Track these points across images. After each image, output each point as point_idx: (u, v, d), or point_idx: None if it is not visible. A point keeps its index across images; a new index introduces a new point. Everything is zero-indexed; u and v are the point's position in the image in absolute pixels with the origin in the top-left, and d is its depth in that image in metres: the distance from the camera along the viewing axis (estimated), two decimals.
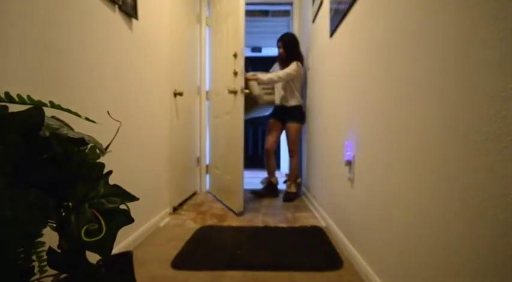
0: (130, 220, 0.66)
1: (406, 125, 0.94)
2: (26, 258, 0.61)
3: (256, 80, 2.77)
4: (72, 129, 0.69)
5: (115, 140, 0.83)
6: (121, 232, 0.67)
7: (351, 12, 1.48)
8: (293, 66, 2.75)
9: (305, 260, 1.46)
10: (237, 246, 1.63)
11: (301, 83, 2.86)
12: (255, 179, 4.33)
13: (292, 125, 2.89)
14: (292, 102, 2.87)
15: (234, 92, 2.35)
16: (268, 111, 3.12)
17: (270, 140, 2.99)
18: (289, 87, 2.85)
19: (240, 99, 2.28)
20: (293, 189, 2.90)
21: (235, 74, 2.34)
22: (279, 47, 2.90)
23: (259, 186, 3.58)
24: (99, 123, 0.97)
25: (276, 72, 2.77)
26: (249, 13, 4.67)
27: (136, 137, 1.70)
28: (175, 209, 2.41)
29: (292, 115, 2.89)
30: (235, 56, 2.34)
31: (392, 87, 1.04)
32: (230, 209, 2.43)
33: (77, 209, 0.60)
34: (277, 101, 2.98)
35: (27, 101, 0.63)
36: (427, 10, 0.82)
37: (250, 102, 2.76)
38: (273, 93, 3.03)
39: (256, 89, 2.81)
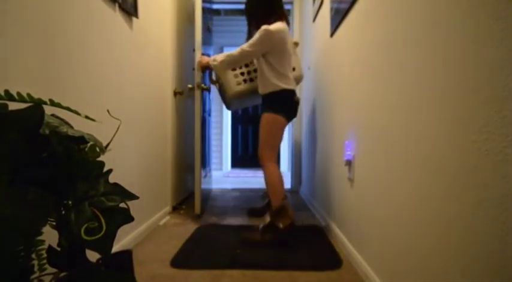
0: (130, 219, 0.66)
1: (406, 124, 0.94)
2: (25, 257, 0.61)
3: (206, 65, 2.10)
4: (72, 127, 0.69)
5: (115, 139, 0.83)
6: (121, 231, 0.67)
7: (352, 11, 1.48)
8: (250, 41, 1.84)
9: (304, 259, 1.46)
10: (237, 245, 1.63)
11: (281, 57, 1.85)
12: (254, 178, 4.34)
13: (262, 117, 1.88)
14: (265, 89, 1.89)
15: (192, 89, 2.35)
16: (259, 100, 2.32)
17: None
18: (259, 68, 1.92)
19: (196, 95, 2.25)
20: (261, 225, 1.74)
21: (193, 69, 2.31)
22: None
23: (258, 186, 3.59)
24: (99, 122, 0.97)
25: (231, 51, 1.95)
26: None
27: (137, 136, 1.70)
28: (175, 208, 2.41)
29: (265, 104, 1.92)
30: (193, 50, 2.31)
31: (392, 87, 1.03)
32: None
33: (77, 208, 0.60)
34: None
35: (27, 99, 0.63)
36: (428, 9, 0.82)
37: (224, 93, 2.24)
38: (252, 81, 2.15)
39: (225, 77, 2.10)
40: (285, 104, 1.88)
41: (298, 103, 1.97)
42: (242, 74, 2.14)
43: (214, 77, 2.30)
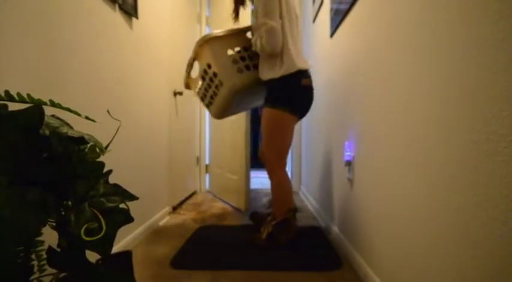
0: (130, 219, 0.66)
1: (406, 125, 0.94)
2: (25, 257, 0.61)
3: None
4: (71, 128, 0.69)
5: (115, 139, 0.83)
6: (120, 231, 0.67)
7: (352, 12, 1.48)
8: (261, 10, 1.46)
9: (304, 259, 1.46)
10: (236, 245, 1.63)
11: (287, 20, 1.52)
12: (254, 178, 4.34)
13: (263, 112, 1.59)
14: (267, 74, 1.55)
15: None
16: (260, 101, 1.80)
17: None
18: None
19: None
20: (263, 235, 1.60)
21: None
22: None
23: (258, 186, 3.59)
24: (99, 123, 0.97)
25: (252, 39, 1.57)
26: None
27: (136, 136, 1.70)
28: (174, 209, 2.41)
29: (267, 95, 1.58)
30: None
31: (393, 87, 1.04)
32: (235, 207, 2.45)
33: (77, 208, 0.60)
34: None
35: (27, 100, 0.63)
36: (429, 10, 0.82)
37: (216, 90, 1.63)
38: (255, 68, 1.62)
39: (220, 61, 1.55)
40: (288, 93, 1.52)
41: (309, 88, 1.58)
42: (243, 58, 1.57)
43: (193, 72, 1.64)
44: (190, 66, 1.68)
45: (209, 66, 1.56)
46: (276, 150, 1.59)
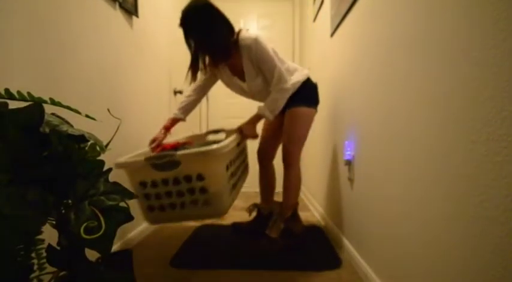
0: (130, 218, 0.66)
1: (406, 125, 0.94)
2: (25, 255, 0.61)
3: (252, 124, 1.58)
4: (72, 126, 0.69)
5: (115, 138, 0.83)
6: (120, 230, 0.67)
7: (352, 11, 1.48)
8: (270, 62, 1.50)
9: (304, 259, 1.46)
10: (236, 245, 1.63)
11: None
12: None
13: (297, 111, 1.61)
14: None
15: None
16: None
17: (262, 142, 1.84)
18: (263, 84, 1.59)
19: None
20: (273, 234, 1.57)
21: None
22: (190, 45, 1.56)
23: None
24: (99, 121, 0.97)
25: (273, 96, 1.54)
26: None
27: (136, 135, 1.70)
28: None
29: (296, 96, 1.60)
30: None
31: (393, 87, 1.03)
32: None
33: (77, 206, 0.60)
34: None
35: (27, 98, 0.63)
36: (429, 10, 0.82)
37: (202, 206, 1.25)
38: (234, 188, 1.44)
39: (223, 180, 1.24)
40: (315, 94, 1.72)
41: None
42: (233, 174, 1.38)
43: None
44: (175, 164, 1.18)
45: (200, 177, 1.18)
46: (301, 145, 1.70)
